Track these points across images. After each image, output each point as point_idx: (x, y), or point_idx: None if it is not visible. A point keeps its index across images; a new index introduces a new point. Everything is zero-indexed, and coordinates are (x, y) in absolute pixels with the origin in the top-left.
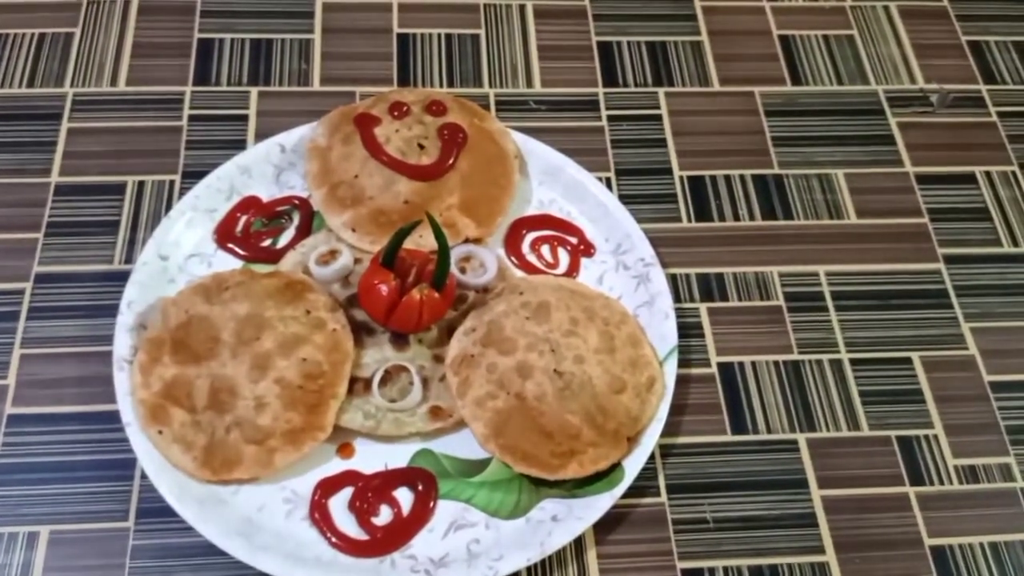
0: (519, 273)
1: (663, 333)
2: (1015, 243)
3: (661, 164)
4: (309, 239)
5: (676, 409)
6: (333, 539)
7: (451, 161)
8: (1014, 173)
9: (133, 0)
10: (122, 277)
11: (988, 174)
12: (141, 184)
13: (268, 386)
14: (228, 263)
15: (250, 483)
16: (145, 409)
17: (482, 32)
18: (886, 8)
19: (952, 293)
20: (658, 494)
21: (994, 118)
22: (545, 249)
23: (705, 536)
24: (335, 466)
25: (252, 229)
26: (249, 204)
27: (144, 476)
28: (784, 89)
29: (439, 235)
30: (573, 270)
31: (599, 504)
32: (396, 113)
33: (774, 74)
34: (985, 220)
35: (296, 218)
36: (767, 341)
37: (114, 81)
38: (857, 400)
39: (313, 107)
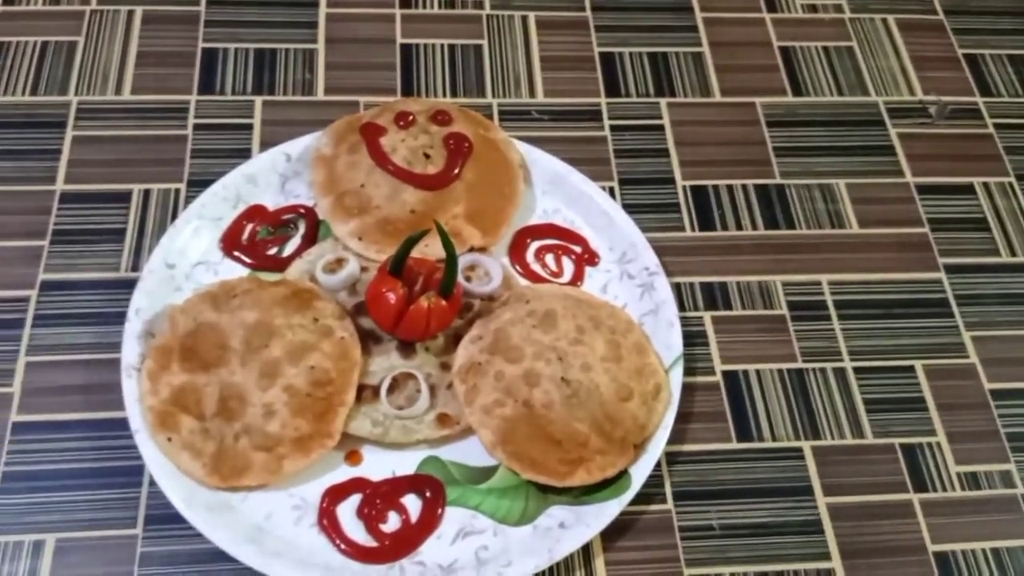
0: (524, 282)
1: (668, 342)
2: (1013, 253)
3: (664, 174)
4: (315, 247)
5: (682, 417)
6: (342, 546)
7: (457, 171)
8: (1011, 184)
9: (137, 9)
10: (128, 285)
11: (986, 185)
12: (147, 192)
13: (277, 393)
14: (234, 271)
15: (259, 490)
16: (154, 416)
17: (485, 43)
18: (884, 21)
19: (953, 302)
20: (664, 501)
21: (991, 130)
22: (549, 258)
23: (711, 543)
24: (343, 473)
25: (258, 237)
26: (255, 213)
27: (152, 483)
28: (785, 100)
29: (447, 243)
30: (577, 279)
31: (607, 511)
32: (402, 123)
33: (775, 85)
34: (984, 230)
35: (302, 227)
36: (771, 350)
37: (119, 90)
38: (861, 408)
39: (317, 116)
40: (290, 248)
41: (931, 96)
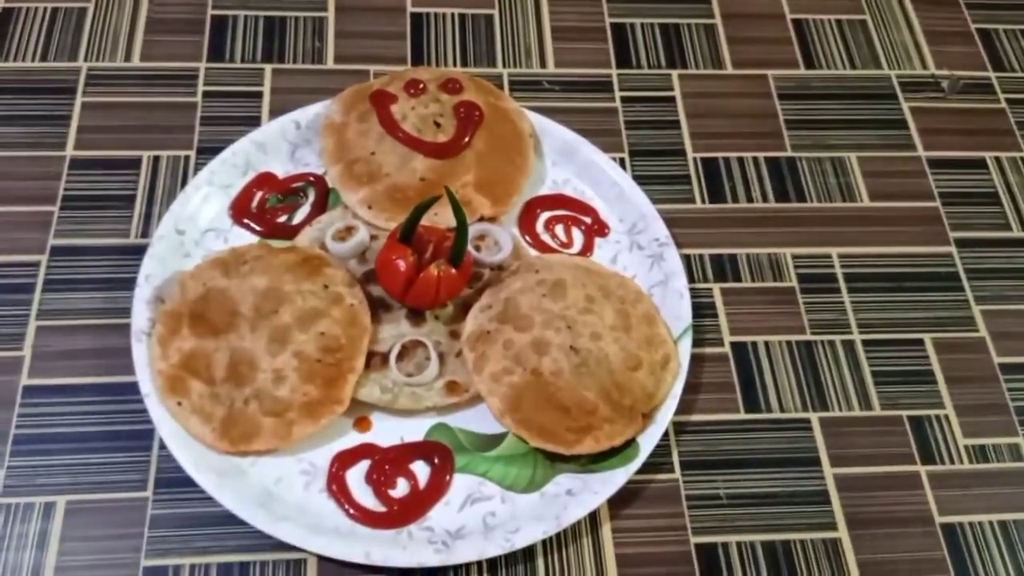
0: (533, 252)
1: (677, 312)
2: None
3: (675, 145)
4: (325, 216)
5: (690, 387)
6: (351, 511)
7: (467, 139)
8: (1023, 159)
9: None
10: (138, 251)
11: (998, 159)
12: (156, 159)
13: (286, 359)
14: (243, 238)
15: (268, 455)
16: (164, 380)
17: (496, 12)
18: None
19: (963, 276)
20: (672, 470)
21: (1003, 105)
22: (559, 229)
23: (718, 512)
24: (352, 439)
25: (267, 205)
26: (264, 180)
27: (162, 446)
28: (797, 72)
29: (458, 210)
30: (587, 250)
31: (614, 479)
32: (412, 91)
33: (787, 57)
34: (995, 205)
35: (311, 195)
36: (780, 321)
37: (128, 56)
38: (869, 380)
39: (327, 85)
40: (300, 216)
41: (944, 70)
